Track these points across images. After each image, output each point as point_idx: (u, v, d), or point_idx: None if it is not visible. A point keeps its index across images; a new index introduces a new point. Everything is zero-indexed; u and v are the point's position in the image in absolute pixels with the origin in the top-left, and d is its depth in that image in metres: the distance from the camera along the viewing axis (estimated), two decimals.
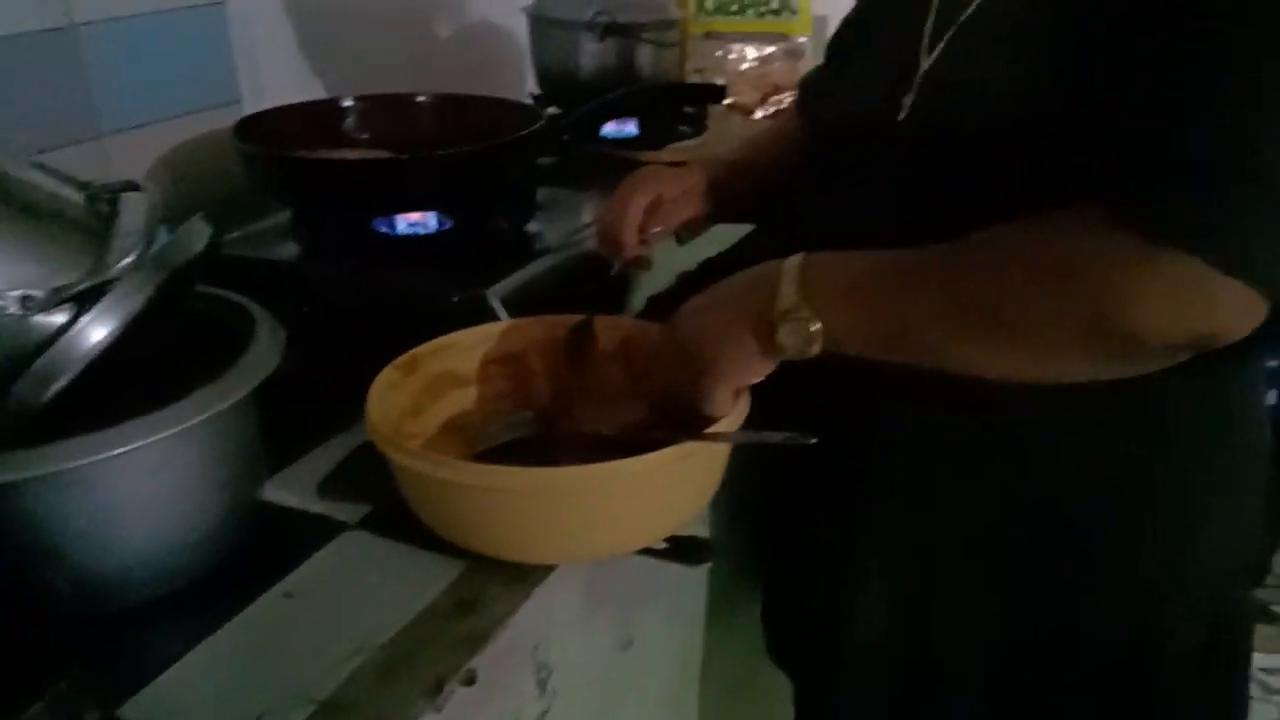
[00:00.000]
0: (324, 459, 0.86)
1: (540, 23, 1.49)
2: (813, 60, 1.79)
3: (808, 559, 0.91)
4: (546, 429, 0.83)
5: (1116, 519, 0.75)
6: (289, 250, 1.06)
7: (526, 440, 0.82)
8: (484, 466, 0.65)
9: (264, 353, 0.69)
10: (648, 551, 0.74)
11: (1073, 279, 0.58)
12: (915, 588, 0.82)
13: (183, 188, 1.14)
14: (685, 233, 1.06)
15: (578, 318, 0.88)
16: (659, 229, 0.95)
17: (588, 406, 0.85)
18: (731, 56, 1.77)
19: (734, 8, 1.78)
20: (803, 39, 1.78)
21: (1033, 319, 0.60)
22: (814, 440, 0.65)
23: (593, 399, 0.87)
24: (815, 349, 0.65)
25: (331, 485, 0.83)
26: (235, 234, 1.11)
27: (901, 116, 0.76)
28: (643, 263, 0.97)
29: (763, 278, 0.68)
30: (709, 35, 1.79)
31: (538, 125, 1.04)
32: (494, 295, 0.91)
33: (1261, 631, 0.87)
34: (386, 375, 0.79)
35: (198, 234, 0.67)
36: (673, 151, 1.37)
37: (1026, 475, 0.75)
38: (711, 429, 0.70)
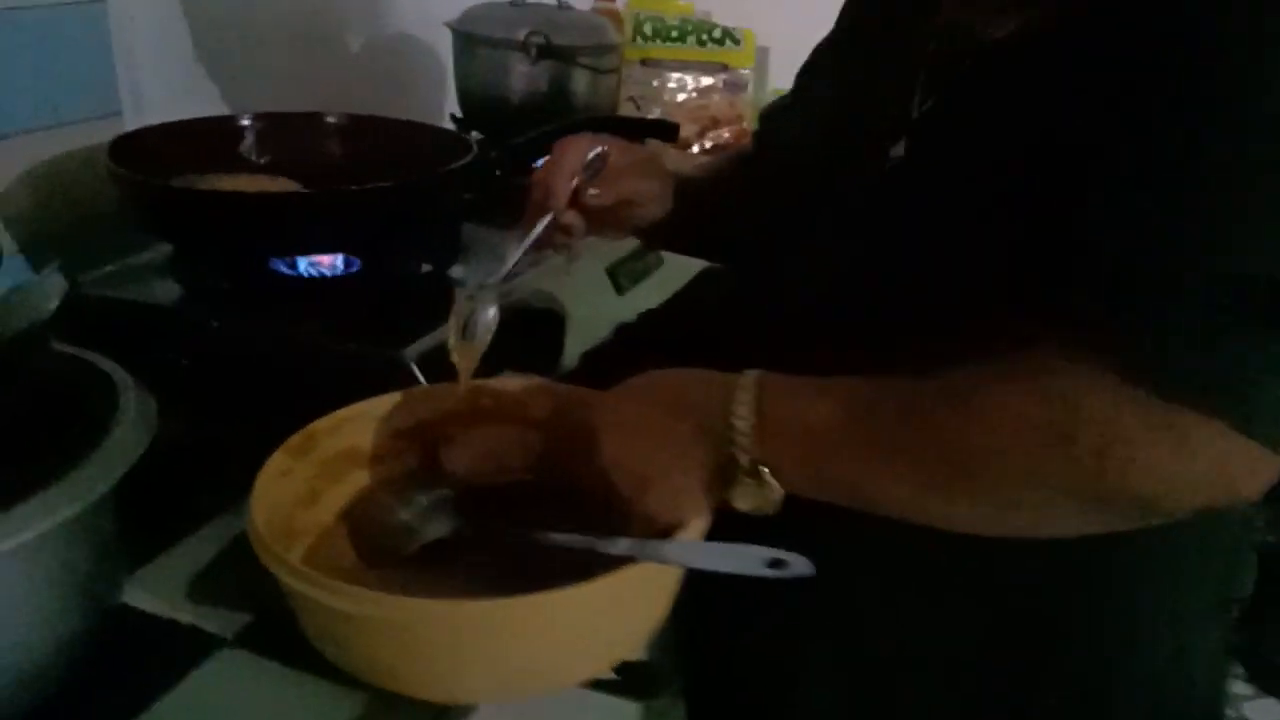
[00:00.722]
0: (197, 551, 0.73)
1: (466, 40, 1.35)
2: (755, 94, 1.70)
3: (744, 656, 0.81)
4: (466, 522, 0.70)
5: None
6: (167, 292, 0.92)
7: (441, 541, 0.68)
8: (395, 599, 0.52)
9: (129, 435, 0.55)
10: (595, 684, 0.61)
11: (1074, 445, 0.50)
12: (862, 688, 0.74)
13: (46, 212, 0.98)
14: (625, 278, 0.95)
15: (509, 380, 0.76)
16: (597, 192, 0.82)
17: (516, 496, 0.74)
18: (670, 86, 1.66)
19: (674, 35, 1.67)
20: (745, 71, 1.68)
21: (1021, 483, 0.53)
22: (811, 573, 0.53)
23: (522, 484, 0.76)
24: (772, 510, 0.58)
25: (205, 586, 0.69)
26: (105, 269, 0.95)
27: (889, 166, 0.69)
28: (570, 240, 0.84)
29: (708, 420, 0.59)
30: (645, 62, 1.68)
31: (468, 158, 0.91)
32: (410, 356, 0.78)
33: None
34: (276, 462, 0.66)
35: (49, 290, 0.53)
36: None
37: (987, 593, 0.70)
38: (674, 541, 0.58)
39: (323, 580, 0.53)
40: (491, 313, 0.72)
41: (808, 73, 0.87)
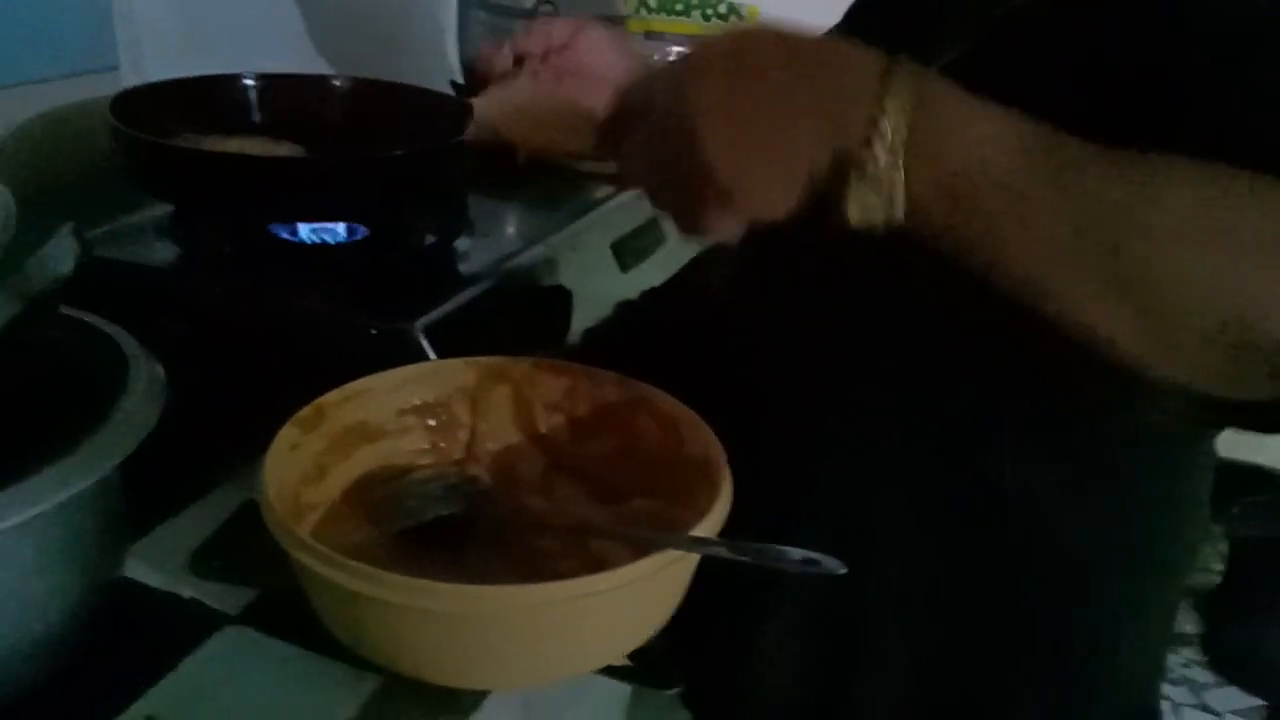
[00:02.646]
0: (200, 521, 0.71)
1: (470, 5, 1.33)
2: None
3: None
4: (476, 501, 0.69)
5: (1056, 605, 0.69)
6: (165, 253, 0.89)
7: (452, 517, 0.67)
8: (409, 581, 0.50)
9: (138, 408, 0.54)
10: (608, 671, 0.60)
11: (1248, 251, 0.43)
12: (835, 638, 0.73)
13: (39, 168, 0.96)
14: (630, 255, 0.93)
15: (517, 360, 0.74)
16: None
17: (526, 476, 0.73)
18: (670, 60, 1.63)
19: (679, 7, 1.64)
20: None
21: (1212, 300, 0.44)
22: (843, 570, 0.52)
23: (532, 465, 0.74)
24: (881, 225, 0.48)
25: (209, 559, 0.68)
26: (101, 229, 0.93)
27: None
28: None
29: (842, 98, 0.48)
30: (648, 35, 1.65)
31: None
32: (419, 329, 0.76)
33: None
34: (286, 434, 0.64)
35: (64, 253, 0.51)
36: None
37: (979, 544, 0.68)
38: (698, 530, 0.57)
39: (347, 563, 0.52)
40: None
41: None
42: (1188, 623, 2.11)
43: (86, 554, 0.54)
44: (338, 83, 1.03)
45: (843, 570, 0.52)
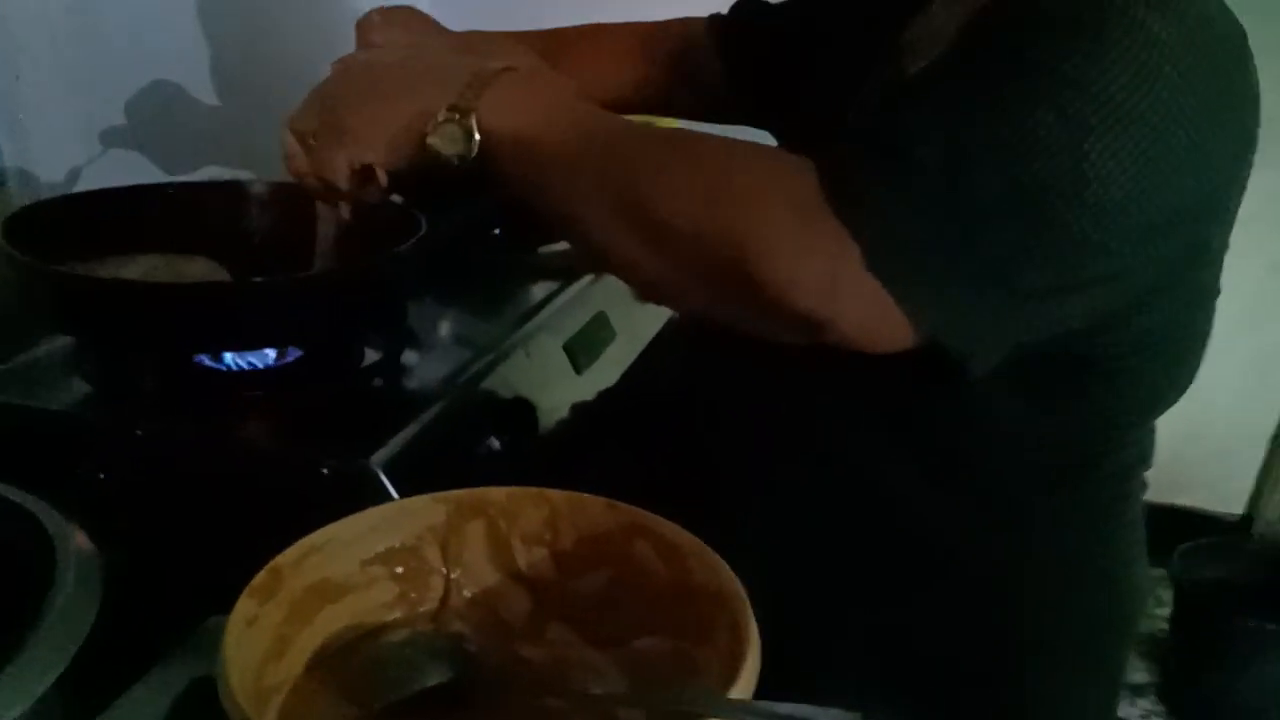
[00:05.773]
0: (144, 708, 0.61)
1: None
2: None
3: None
4: (465, 663, 0.60)
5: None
6: (73, 393, 0.79)
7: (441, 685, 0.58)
8: None
9: (74, 604, 0.44)
10: None
11: (727, 193, 0.58)
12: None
13: None
14: (583, 356, 0.88)
15: (488, 490, 0.67)
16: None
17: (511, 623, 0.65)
18: None
19: None
20: None
21: (678, 221, 0.59)
22: None
23: (516, 609, 0.67)
24: (461, 156, 0.65)
25: None
26: None
27: None
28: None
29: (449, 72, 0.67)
30: None
31: (419, 234, 0.81)
32: (378, 464, 0.68)
33: None
34: (242, 607, 0.55)
35: None
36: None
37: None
38: (736, 690, 0.50)
39: None
40: None
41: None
42: (1136, 671, 2.09)
43: None
44: (256, 189, 0.94)
45: None
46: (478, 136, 0.64)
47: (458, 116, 0.64)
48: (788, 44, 0.87)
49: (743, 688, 0.51)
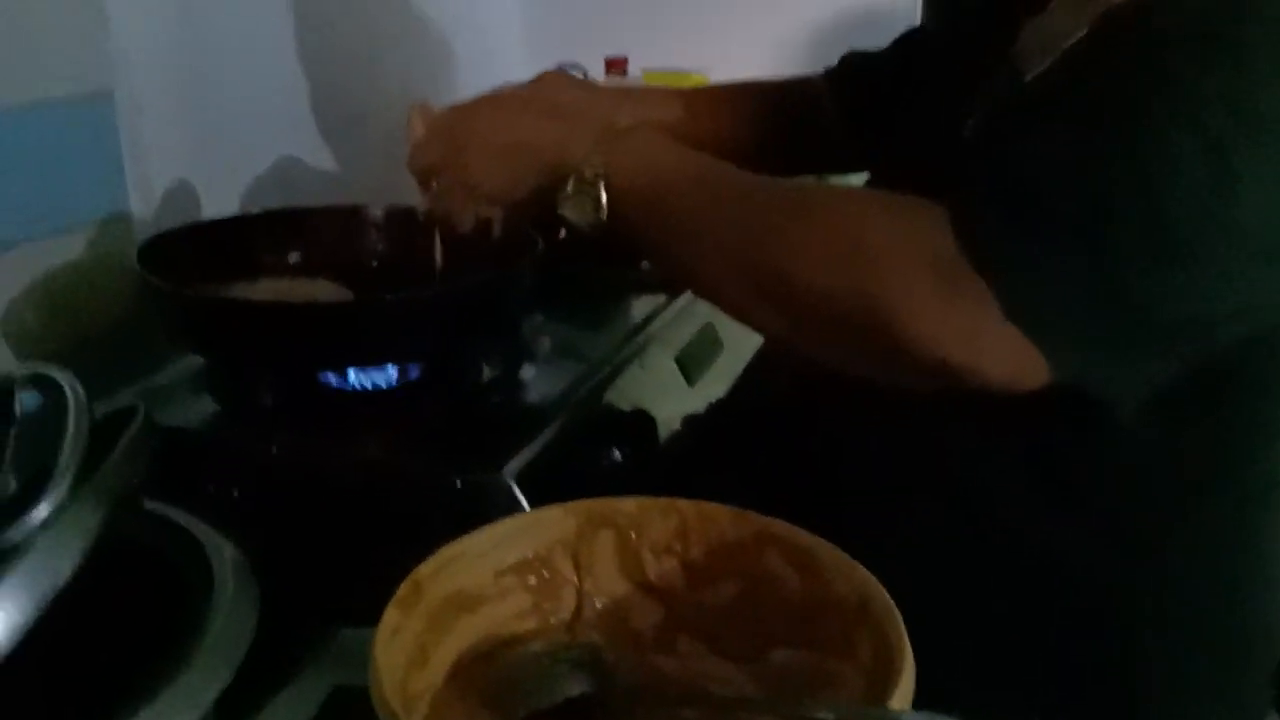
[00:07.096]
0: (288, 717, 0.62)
1: None
2: None
3: None
4: (602, 674, 0.60)
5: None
6: (203, 412, 0.81)
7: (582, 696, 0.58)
8: None
9: (233, 622, 0.45)
10: None
11: (860, 252, 0.58)
12: None
13: (58, 327, 0.88)
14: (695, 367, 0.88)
15: (618, 500, 0.67)
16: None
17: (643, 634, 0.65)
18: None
19: None
20: None
21: (808, 280, 0.59)
22: None
23: (647, 621, 0.66)
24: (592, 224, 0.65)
25: None
26: (128, 389, 0.85)
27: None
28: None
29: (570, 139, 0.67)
30: None
31: (534, 250, 0.82)
32: (510, 475, 0.68)
33: None
34: (389, 618, 0.55)
35: (140, 442, 0.43)
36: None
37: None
38: (895, 701, 0.49)
39: None
40: None
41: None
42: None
43: None
44: (375, 212, 0.96)
45: None
46: (606, 206, 0.65)
47: (587, 187, 0.65)
48: (899, 73, 0.86)
49: (898, 703, 0.49)
